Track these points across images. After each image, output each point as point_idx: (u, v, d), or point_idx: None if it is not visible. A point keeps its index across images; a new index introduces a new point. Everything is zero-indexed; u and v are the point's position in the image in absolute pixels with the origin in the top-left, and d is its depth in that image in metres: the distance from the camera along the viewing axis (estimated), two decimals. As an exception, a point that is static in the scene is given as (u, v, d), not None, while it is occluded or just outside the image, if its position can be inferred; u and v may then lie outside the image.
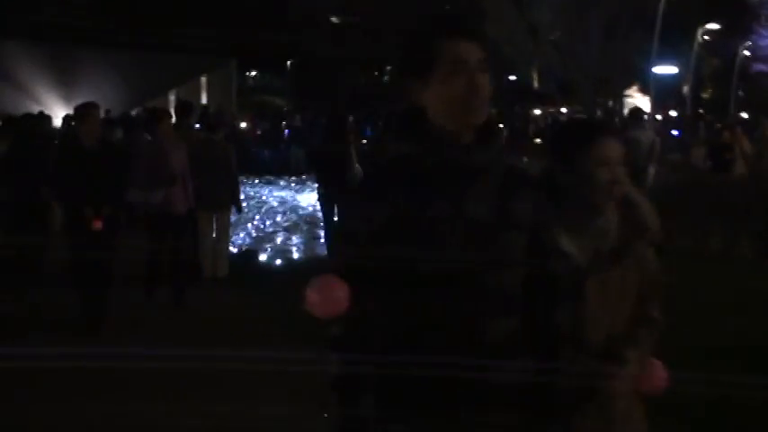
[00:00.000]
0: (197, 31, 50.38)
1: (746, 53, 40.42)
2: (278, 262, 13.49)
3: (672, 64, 37.07)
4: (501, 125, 39.67)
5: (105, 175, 8.80)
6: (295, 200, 22.19)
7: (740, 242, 14.39)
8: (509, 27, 59.79)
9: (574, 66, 50.36)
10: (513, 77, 66.82)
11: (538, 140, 39.09)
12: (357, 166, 12.75)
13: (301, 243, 15.07)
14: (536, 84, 67.19)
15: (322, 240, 14.90)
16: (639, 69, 39.09)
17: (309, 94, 54.25)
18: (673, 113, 48.36)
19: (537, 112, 56.34)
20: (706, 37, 38.33)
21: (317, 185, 13.47)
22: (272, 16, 58.04)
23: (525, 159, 9.53)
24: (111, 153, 9.34)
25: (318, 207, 13.91)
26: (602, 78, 44.61)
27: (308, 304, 2.91)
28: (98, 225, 8.61)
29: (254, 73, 65.43)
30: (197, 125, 16.49)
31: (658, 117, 49.40)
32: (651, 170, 13.98)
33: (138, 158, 10.33)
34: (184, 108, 13.70)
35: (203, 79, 44.82)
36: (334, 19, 68.48)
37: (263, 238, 15.47)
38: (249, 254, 13.79)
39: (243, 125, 35.11)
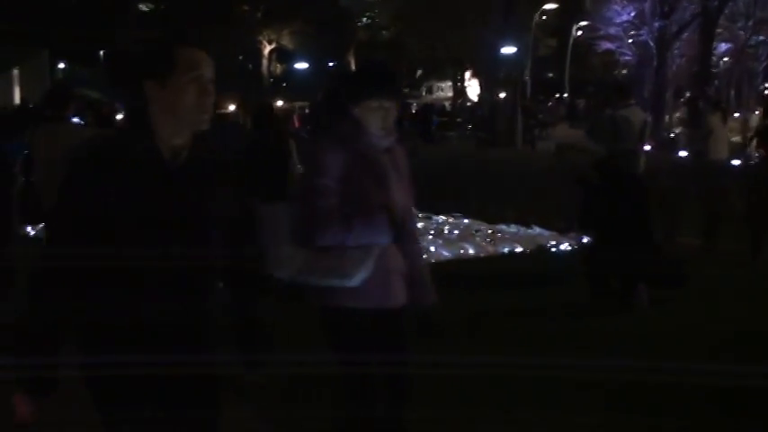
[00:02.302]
0: (6, 22, 45.53)
1: (579, 33, 39.00)
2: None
3: (512, 45, 34.85)
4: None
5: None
6: None
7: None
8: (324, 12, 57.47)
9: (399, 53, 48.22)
10: (331, 64, 64.15)
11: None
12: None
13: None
14: (353, 67, 64.57)
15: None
16: (479, 52, 36.70)
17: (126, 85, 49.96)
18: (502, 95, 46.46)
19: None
20: (544, 17, 36.39)
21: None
22: (81, 5, 53.62)
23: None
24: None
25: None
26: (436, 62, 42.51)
27: None
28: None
29: (62, 66, 60.39)
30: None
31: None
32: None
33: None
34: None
35: (15, 72, 40.08)
36: (142, 6, 64.29)
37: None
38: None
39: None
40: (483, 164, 16.61)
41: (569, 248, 12.44)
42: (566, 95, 39.31)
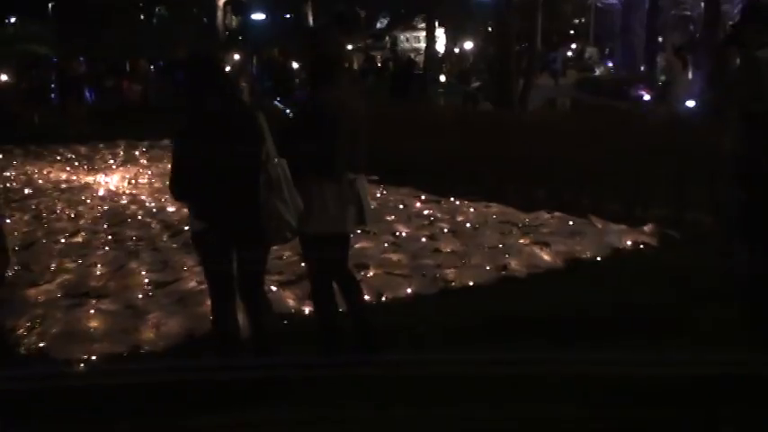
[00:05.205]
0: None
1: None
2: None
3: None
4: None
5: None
6: (99, 186, 13.30)
7: None
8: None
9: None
10: (288, 16, 58.94)
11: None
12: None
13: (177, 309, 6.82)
14: (311, 20, 59.45)
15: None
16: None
17: (78, 39, 44.79)
18: (468, 46, 41.90)
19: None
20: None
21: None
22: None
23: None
24: None
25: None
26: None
27: None
28: None
29: (13, 20, 54.82)
30: None
31: (456, 50, 42.97)
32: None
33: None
34: None
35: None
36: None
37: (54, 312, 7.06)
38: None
39: (2, 78, 25.89)
40: (490, 128, 12.07)
41: (654, 250, 8.19)
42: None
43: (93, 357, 5.79)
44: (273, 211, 4.78)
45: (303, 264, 5.97)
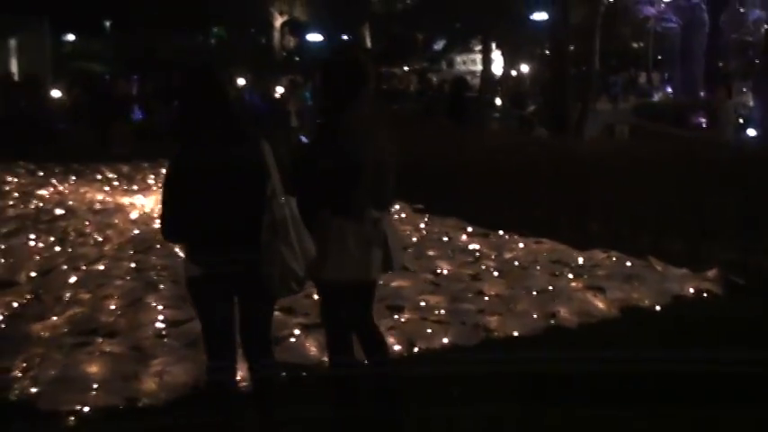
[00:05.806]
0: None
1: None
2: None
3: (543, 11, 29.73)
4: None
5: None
6: (133, 208, 12.57)
7: None
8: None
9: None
10: (345, 37, 58.63)
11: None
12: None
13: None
14: (368, 42, 59.06)
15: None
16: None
17: (133, 58, 44.76)
18: (525, 69, 41.04)
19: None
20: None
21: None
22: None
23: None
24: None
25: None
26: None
27: None
28: None
29: (71, 38, 55.18)
30: None
31: (513, 73, 42.14)
32: None
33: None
34: None
35: (12, 42, 34.99)
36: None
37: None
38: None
39: (57, 95, 25.61)
40: (544, 156, 11.25)
41: (718, 299, 7.35)
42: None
43: (86, 409, 5.14)
44: (277, 257, 4.08)
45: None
